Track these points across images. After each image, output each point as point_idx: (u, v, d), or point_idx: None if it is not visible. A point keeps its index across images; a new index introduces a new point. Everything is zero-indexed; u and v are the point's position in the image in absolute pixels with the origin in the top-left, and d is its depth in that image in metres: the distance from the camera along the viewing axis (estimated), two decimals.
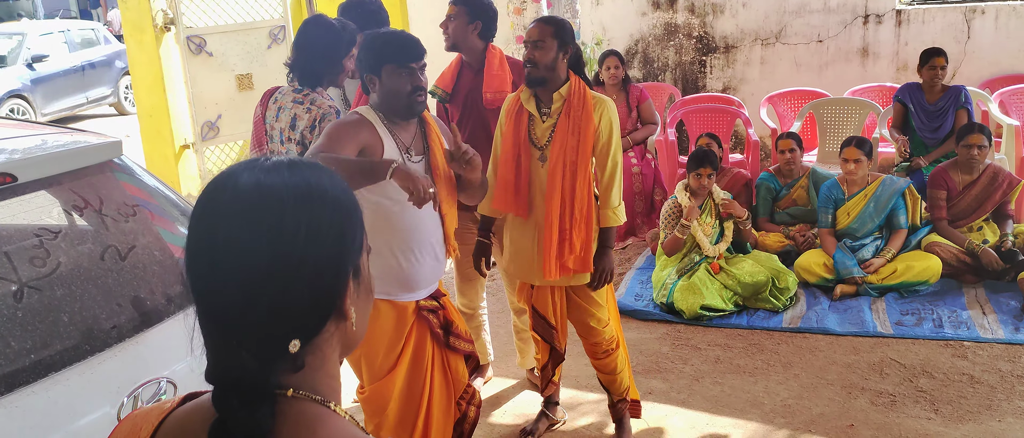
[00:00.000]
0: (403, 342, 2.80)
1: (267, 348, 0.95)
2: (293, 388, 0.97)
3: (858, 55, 7.41)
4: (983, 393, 3.88)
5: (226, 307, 0.95)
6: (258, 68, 7.49)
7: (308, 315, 0.97)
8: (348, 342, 1.05)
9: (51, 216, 2.34)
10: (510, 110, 3.30)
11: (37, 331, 2.02)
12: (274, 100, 3.38)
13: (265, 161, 1.01)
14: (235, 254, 0.94)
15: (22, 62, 12.75)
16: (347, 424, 0.99)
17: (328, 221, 0.98)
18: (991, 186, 5.23)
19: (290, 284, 0.94)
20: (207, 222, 0.97)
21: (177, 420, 1.02)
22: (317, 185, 0.99)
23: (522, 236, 3.34)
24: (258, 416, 0.93)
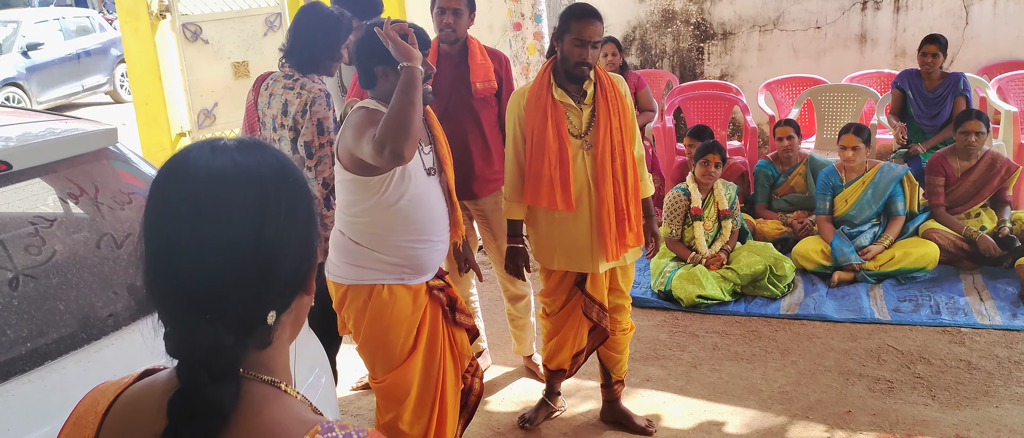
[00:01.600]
0: (421, 324, 2.82)
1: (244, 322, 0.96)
2: (245, 369, 0.98)
3: (856, 41, 7.39)
4: (980, 379, 3.88)
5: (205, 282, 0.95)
6: (254, 55, 7.46)
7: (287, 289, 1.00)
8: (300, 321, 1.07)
9: (46, 204, 2.33)
10: (539, 106, 3.21)
11: (33, 319, 2.02)
12: (266, 86, 3.36)
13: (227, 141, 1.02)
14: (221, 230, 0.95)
15: (17, 50, 12.68)
16: (296, 403, 0.99)
17: (298, 197, 1.02)
18: (989, 172, 5.23)
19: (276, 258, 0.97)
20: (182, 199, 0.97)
21: (132, 395, 1.03)
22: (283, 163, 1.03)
23: (569, 228, 3.29)
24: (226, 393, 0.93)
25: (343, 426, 0.95)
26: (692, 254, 5.06)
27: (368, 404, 3.97)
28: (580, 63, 3.15)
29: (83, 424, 1.03)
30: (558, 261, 3.36)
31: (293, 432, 0.94)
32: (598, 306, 3.40)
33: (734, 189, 5.24)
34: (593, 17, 3.14)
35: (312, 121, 3.13)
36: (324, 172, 3.15)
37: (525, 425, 3.67)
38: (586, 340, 3.51)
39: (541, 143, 3.20)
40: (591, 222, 3.28)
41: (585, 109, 3.24)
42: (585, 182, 3.25)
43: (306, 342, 2.73)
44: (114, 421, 1.02)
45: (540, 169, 3.21)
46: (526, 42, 6.49)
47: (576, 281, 3.41)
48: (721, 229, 5.15)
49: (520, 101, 3.29)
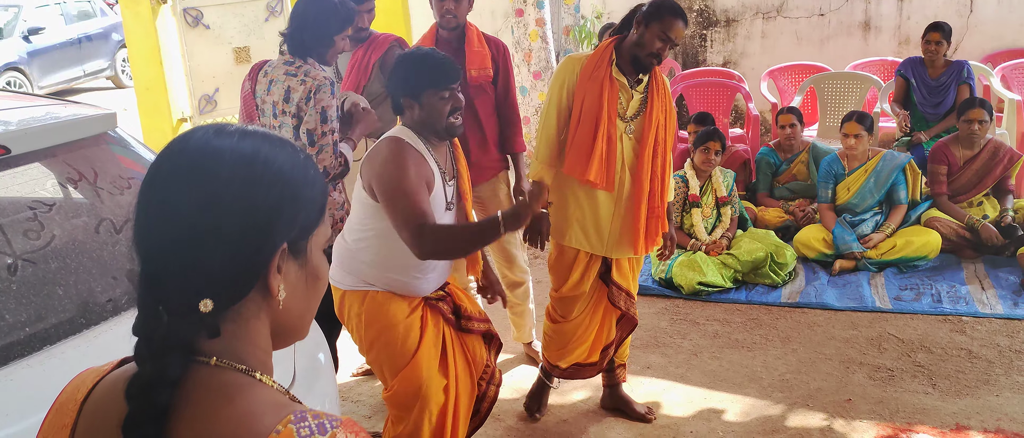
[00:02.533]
0: (421, 326, 2.77)
1: (180, 303, 0.95)
2: (217, 357, 0.97)
3: (860, 29, 7.36)
4: (981, 368, 3.88)
5: (150, 259, 0.96)
6: (256, 41, 7.43)
7: (224, 280, 0.96)
8: (280, 323, 1.04)
9: (45, 189, 2.32)
10: (596, 78, 3.17)
11: (32, 304, 2.01)
12: (264, 73, 3.31)
13: (226, 126, 1.02)
14: (164, 208, 0.96)
15: (18, 34, 12.66)
16: (270, 392, 0.98)
17: (264, 190, 0.98)
18: (992, 161, 5.21)
19: (208, 245, 0.94)
20: (150, 176, 0.98)
21: (110, 381, 1.03)
22: (264, 154, 0.99)
23: (600, 208, 3.27)
24: (164, 365, 0.93)
25: (317, 415, 0.94)
26: (692, 241, 5.05)
27: (368, 390, 3.98)
28: (653, 54, 3.14)
29: (65, 410, 1.04)
30: (572, 237, 3.31)
31: (265, 421, 0.93)
32: (625, 293, 3.39)
33: (732, 176, 5.23)
34: (683, 18, 3.14)
35: (316, 109, 3.10)
36: (325, 160, 3.12)
37: (536, 415, 3.63)
38: (615, 331, 3.49)
39: (593, 116, 3.16)
40: (618, 209, 3.27)
41: (636, 96, 3.23)
42: (623, 167, 3.23)
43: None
44: (91, 406, 1.02)
45: (587, 142, 3.16)
46: (528, 28, 6.47)
47: (599, 273, 3.38)
48: (720, 216, 5.14)
49: (574, 68, 3.23)
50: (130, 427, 0.92)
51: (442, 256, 2.64)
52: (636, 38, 3.16)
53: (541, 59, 6.51)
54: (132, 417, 0.93)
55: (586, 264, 3.36)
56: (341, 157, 3.17)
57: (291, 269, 1.02)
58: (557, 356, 3.52)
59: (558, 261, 3.41)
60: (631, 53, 3.18)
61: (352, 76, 3.72)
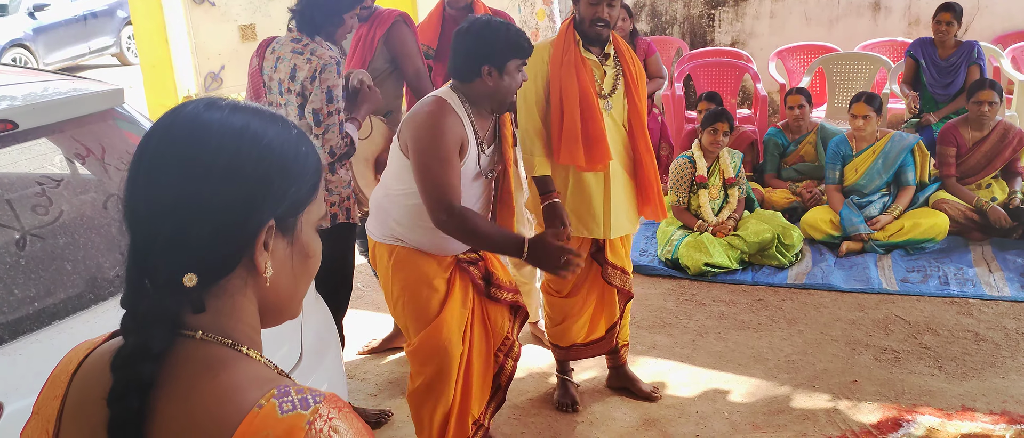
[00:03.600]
0: (447, 287, 2.79)
1: (165, 277, 0.95)
2: (202, 331, 0.97)
3: (869, 9, 7.30)
4: (988, 350, 3.87)
5: (136, 232, 0.96)
6: (261, 18, 7.41)
7: (208, 254, 0.95)
8: (268, 300, 1.03)
9: (53, 164, 2.31)
10: (567, 62, 3.14)
11: (40, 279, 2.01)
12: (272, 50, 3.28)
13: (218, 100, 1.01)
14: (151, 180, 0.95)
15: (24, 11, 12.63)
16: (256, 366, 0.98)
17: (252, 166, 0.96)
18: (1001, 143, 5.18)
19: (193, 218, 0.94)
20: (141, 149, 0.98)
21: (98, 354, 1.03)
22: (254, 129, 0.98)
23: (592, 192, 3.26)
24: (148, 337, 0.93)
25: (300, 390, 0.94)
26: (698, 222, 5.04)
27: (374, 368, 3.99)
28: (595, 21, 3.10)
29: (57, 382, 1.05)
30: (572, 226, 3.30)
31: (249, 395, 0.92)
32: (620, 270, 3.40)
33: (739, 157, 5.21)
34: None
35: (322, 88, 3.07)
36: (331, 140, 3.10)
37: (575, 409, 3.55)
38: (618, 308, 3.50)
39: (574, 102, 3.13)
40: (610, 188, 3.26)
41: (608, 71, 3.22)
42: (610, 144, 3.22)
43: (313, 306, 2.73)
44: (81, 378, 1.02)
45: (573, 127, 3.13)
46: (535, 7, 6.43)
47: (591, 252, 3.38)
48: (727, 197, 5.13)
49: (543, 56, 3.19)
50: (114, 399, 0.92)
51: (456, 236, 2.63)
52: (578, 14, 3.16)
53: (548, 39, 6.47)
54: (116, 389, 0.92)
55: (578, 245, 3.35)
56: (347, 137, 3.15)
57: (279, 246, 1.01)
58: (557, 334, 3.52)
59: None
60: (581, 30, 3.18)
61: (357, 53, 3.70)
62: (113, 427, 0.92)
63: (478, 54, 2.63)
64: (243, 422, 0.90)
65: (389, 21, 3.68)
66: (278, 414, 0.90)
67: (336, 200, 3.28)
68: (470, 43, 2.65)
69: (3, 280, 1.95)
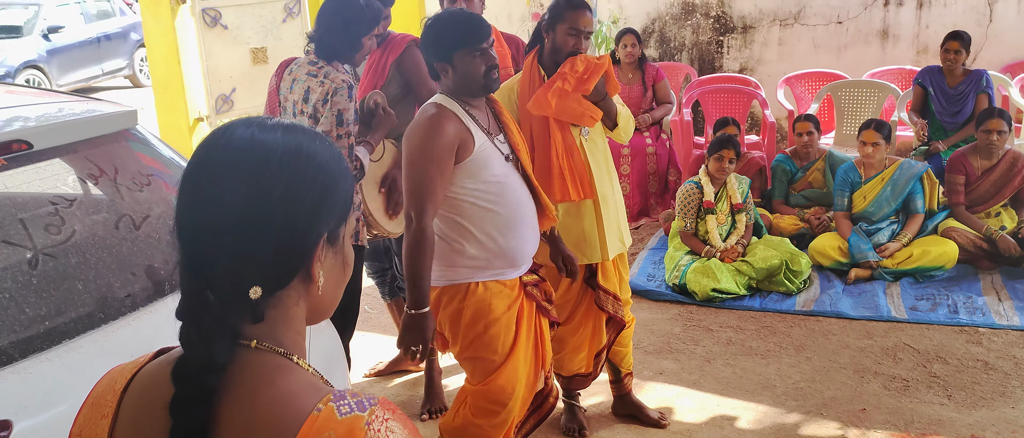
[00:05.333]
0: (517, 320, 2.75)
1: (229, 291, 0.99)
2: (257, 340, 1.01)
3: (878, 37, 7.33)
4: (997, 380, 3.85)
5: (198, 248, 1.00)
6: (273, 42, 7.47)
7: (272, 267, 1.01)
8: (315, 306, 1.09)
9: (66, 184, 2.34)
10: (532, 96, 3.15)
11: (52, 298, 2.03)
12: (289, 71, 3.33)
13: (266, 120, 1.06)
14: (213, 198, 0.99)
15: (38, 33, 12.76)
16: (307, 374, 1.03)
17: (309, 183, 1.02)
18: (1010, 172, 5.17)
19: (259, 234, 0.99)
20: (196, 167, 1.02)
21: (149, 371, 1.07)
22: (307, 148, 1.04)
23: (584, 218, 3.26)
24: (213, 350, 0.97)
25: (355, 394, 0.98)
26: (706, 247, 5.04)
27: (380, 391, 3.98)
28: (572, 53, 3.11)
29: (102, 403, 1.07)
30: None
31: (307, 400, 0.97)
32: (612, 296, 3.37)
33: (747, 183, 5.22)
34: (585, 7, 3.13)
35: (332, 111, 3.10)
36: None
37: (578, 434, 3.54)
38: (605, 336, 3.47)
39: (544, 136, 3.13)
40: (599, 211, 3.26)
41: None
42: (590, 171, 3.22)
43: (320, 328, 2.74)
44: (133, 398, 1.05)
45: (548, 163, 3.13)
46: None
47: (585, 278, 3.37)
48: (735, 223, 5.13)
49: (510, 96, 3.22)
50: (178, 408, 0.96)
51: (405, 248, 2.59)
52: (550, 45, 3.17)
53: None
54: (180, 398, 0.96)
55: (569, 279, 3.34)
56: (357, 160, 3.17)
57: (329, 256, 1.08)
58: (557, 364, 3.49)
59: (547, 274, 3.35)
60: (553, 61, 3.17)
61: (369, 77, 3.72)
62: (177, 437, 0.96)
63: (429, 56, 2.69)
64: (304, 425, 0.94)
65: (402, 46, 3.71)
66: (337, 416, 0.95)
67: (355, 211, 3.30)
68: (422, 47, 2.72)
69: (15, 299, 1.96)
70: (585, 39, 3.13)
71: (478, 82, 2.65)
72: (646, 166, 6.09)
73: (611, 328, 3.45)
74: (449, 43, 2.62)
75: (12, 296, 1.97)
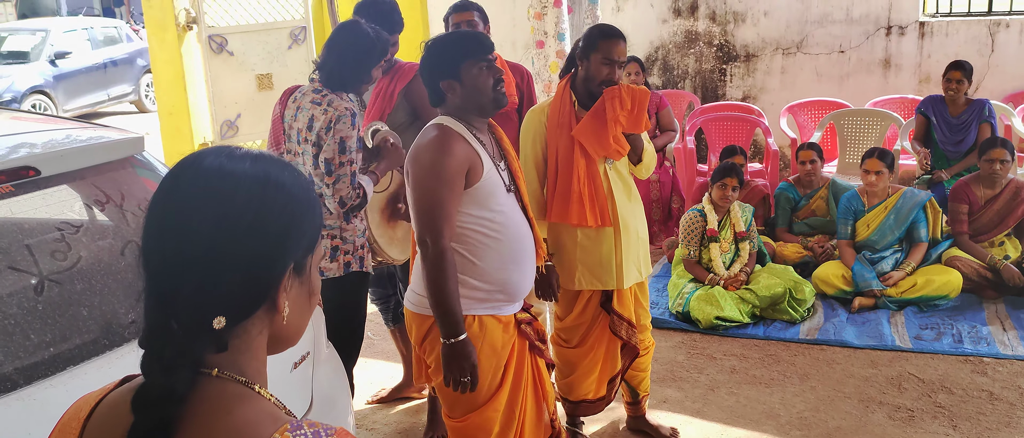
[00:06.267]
0: (508, 357, 2.68)
1: (193, 320, 0.98)
2: (218, 369, 1.01)
3: (880, 66, 7.36)
4: (1002, 410, 3.83)
5: (163, 276, 0.99)
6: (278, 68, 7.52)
7: (237, 297, 1.00)
8: (279, 336, 1.09)
9: (73, 210, 2.35)
10: (562, 124, 3.20)
11: (56, 324, 2.03)
12: (293, 99, 3.34)
13: (235, 149, 1.06)
14: (180, 227, 0.99)
15: (45, 58, 12.86)
16: (267, 404, 1.02)
17: (277, 213, 1.02)
18: (1013, 201, 5.17)
19: (225, 264, 0.99)
20: (164, 195, 1.02)
21: (112, 399, 1.07)
22: (276, 178, 1.04)
23: (594, 245, 3.27)
24: (174, 379, 0.96)
25: (312, 424, 0.98)
26: (710, 275, 5.04)
27: (383, 418, 3.97)
28: (606, 82, 3.15)
29: (67, 431, 1.07)
30: (582, 280, 3.31)
31: (263, 430, 0.97)
32: (627, 323, 3.38)
33: (750, 211, 5.22)
34: (620, 37, 3.17)
35: (335, 139, 3.11)
36: (341, 190, 3.12)
37: None
38: (620, 361, 3.47)
39: (569, 161, 3.18)
40: (620, 240, 3.27)
41: None
42: (611, 199, 3.25)
43: (324, 356, 2.74)
44: (95, 426, 1.05)
45: (568, 188, 3.17)
46: (548, 60, 6.50)
47: (600, 302, 3.38)
48: (739, 251, 5.12)
49: (540, 118, 3.27)
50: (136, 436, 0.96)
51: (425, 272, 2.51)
52: (584, 73, 3.20)
53: None
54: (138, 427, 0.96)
55: (589, 296, 3.38)
56: (360, 189, 3.17)
57: (294, 286, 1.07)
58: (567, 388, 3.50)
59: (562, 298, 3.40)
60: (585, 89, 3.21)
61: (376, 104, 3.75)
62: None
63: (433, 74, 2.61)
64: None
65: (410, 74, 3.73)
66: None
67: (350, 248, 3.30)
68: (424, 68, 2.64)
69: (20, 325, 1.96)
70: (619, 68, 3.16)
71: (487, 96, 2.58)
72: (649, 193, 6.10)
73: (626, 354, 3.46)
74: (456, 56, 2.56)
75: (17, 322, 1.97)
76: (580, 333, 3.40)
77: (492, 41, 2.68)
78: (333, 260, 3.28)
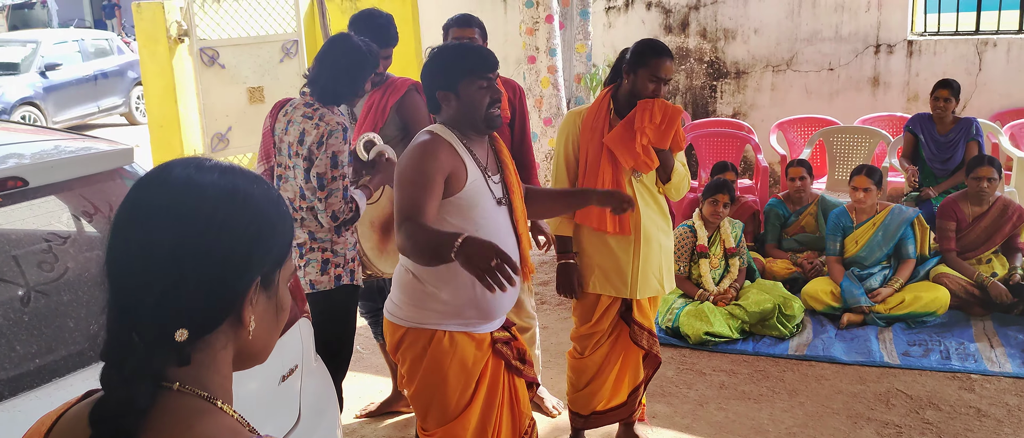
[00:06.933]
0: (478, 377, 2.65)
1: (155, 333, 0.97)
2: (180, 383, 0.99)
3: (869, 84, 7.41)
4: (990, 427, 3.84)
5: (125, 288, 0.98)
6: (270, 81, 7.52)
7: (201, 310, 0.99)
8: (245, 351, 1.07)
9: (61, 222, 2.34)
10: (596, 129, 3.27)
11: (43, 336, 2.02)
12: (284, 113, 3.34)
13: (204, 161, 1.05)
14: (144, 237, 0.98)
15: (35, 70, 12.83)
16: (229, 420, 1.01)
17: (244, 226, 1.01)
18: (1001, 219, 5.21)
19: (188, 276, 0.97)
20: (130, 205, 1.01)
21: (73, 413, 1.05)
22: (244, 191, 1.03)
23: (613, 251, 3.32)
24: (134, 393, 0.95)
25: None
26: (699, 291, 5.05)
27: (372, 432, 3.95)
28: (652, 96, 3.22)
29: None
30: (596, 284, 3.36)
31: None
32: (647, 332, 3.42)
33: (740, 227, 5.24)
34: (669, 55, 3.22)
35: (327, 153, 3.11)
36: (334, 205, 3.12)
37: None
38: (643, 371, 3.51)
39: (596, 166, 3.25)
40: (638, 250, 3.31)
41: None
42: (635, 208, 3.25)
43: (312, 369, 2.73)
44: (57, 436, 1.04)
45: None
46: (540, 75, 6.53)
47: (619, 312, 3.41)
48: (728, 267, 5.14)
49: (576, 121, 3.35)
50: None
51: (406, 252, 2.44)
52: (629, 87, 3.26)
53: (552, 106, 6.56)
54: None
55: (607, 305, 3.41)
56: (352, 203, 3.17)
57: (261, 301, 1.05)
58: (580, 401, 3.53)
59: (581, 303, 3.46)
60: (628, 101, 3.26)
61: (369, 118, 3.75)
62: None
63: (432, 84, 2.61)
64: None
65: (403, 89, 3.74)
66: None
67: (341, 261, 3.30)
68: (425, 75, 2.64)
69: (6, 336, 1.95)
70: (664, 85, 3.22)
71: (480, 114, 2.57)
72: None
73: (648, 364, 3.49)
74: (456, 70, 2.56)
75: (3, 333, 1.96)
76: (594, 342, 3.44)
77: (497, 59, 2.66)
78: (324, 273, 3.28)
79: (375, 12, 3.80)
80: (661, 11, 7.98)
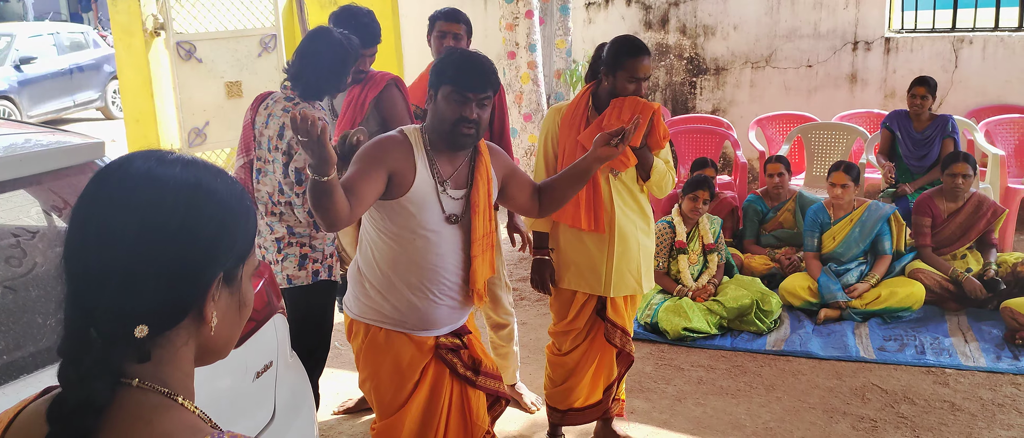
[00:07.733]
0: (417, 378, 2.63)
1: (114, 329, 0.95)
2: (140, 379, 0.98)
3: (847, 81, 7.46)
4: (964, 421, 3.87)
5: (84, 282, 0.96)
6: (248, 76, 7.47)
7: (161, 306, 0.97)
8: (206, 346, 1.05)
9: (30, 216, 2.30)
10: (573, 126, 3.27)
11: (11, 332, 1.99)
12: (265, 106, 3.31)
13: (167, 154, 1.03)
14: (104, 231, 0.95)
15: (10, 63, 12.67)
16: (189, 415, 0.99)
17: (206, 220, 0.99)
18: (975, 215, 5.25)
19: (148, 271, 0.95)
20: (89, 197, 0.98)
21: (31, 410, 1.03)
22: (207, 184, 1.01)
23: (594, 249, 3.32)
24: (91, 389, 0.93)
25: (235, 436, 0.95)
26: (678, 287, 5.06)
27: (349, 429, 3.93)
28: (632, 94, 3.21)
29: None
30: (570, 280, 3.36)
31: None
32: (621, 331, 3.42)
33: (719, 223, 5.26)
34: (647, 54, 3.21)
35: None
36: None
37: None
38: (616, 369, 3.51)
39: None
40: (613, 249, 3.31)
41: None
42: (609, 207, 3.28)
43: (288, 365, 2.71)
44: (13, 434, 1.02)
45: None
46: (520, 71, 6.52)
47: (595, 309, 3.41)
48: (707, 263, 5.15)
49: (556, 118, 3.35)
50: None
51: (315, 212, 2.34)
52: (609, 86, 3.25)
53: (532, 101, 6.55)
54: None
55: (582, 302, 3.41)
56: None
57: (223, 296, 1.04)
58: (558, 397, 3.53)
59: (556, 298, 3.47)
60: (607, 99, 3.26)
61: (348, 113, 3.72)
62: None
63: (430, 80, 2.60)
64: None
65: (382, 84, 3.71)
66: None
67: (319, 257, 3.28)
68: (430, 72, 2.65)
69: None
70: (644, 82, 3.21)
71: (445, 126, 2.52)
72: None
73: (622, 362, 3.49)
74: (443, 75, 2.53)
75: None
76: (572, 339, 3.44)
77: (492, 82, 2.54)
78: (301, 268, 3.25)
79: (357, 9, 3.76)
80: (641, 7, 7.99)
